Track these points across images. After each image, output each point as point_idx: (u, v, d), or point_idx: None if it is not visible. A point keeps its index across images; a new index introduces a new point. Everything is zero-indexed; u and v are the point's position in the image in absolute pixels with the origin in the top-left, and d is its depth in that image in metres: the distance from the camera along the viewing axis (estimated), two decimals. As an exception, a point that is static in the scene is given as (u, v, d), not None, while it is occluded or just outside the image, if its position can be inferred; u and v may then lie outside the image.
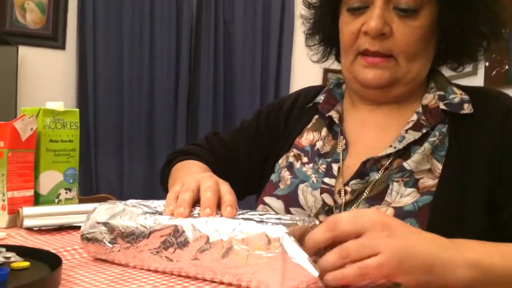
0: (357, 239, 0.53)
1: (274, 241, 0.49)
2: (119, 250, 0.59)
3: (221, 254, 0.52)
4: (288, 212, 0.82)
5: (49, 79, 3.01)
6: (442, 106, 0.81)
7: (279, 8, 3.27)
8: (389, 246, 0.53)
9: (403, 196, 0.75)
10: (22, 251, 0.58)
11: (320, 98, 0.93)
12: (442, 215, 0.72)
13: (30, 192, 0.90)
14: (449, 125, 0.80)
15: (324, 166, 0.84)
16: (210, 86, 3.18)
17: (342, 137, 0.86)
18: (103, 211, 0.62)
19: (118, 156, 3.07)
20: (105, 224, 0.60)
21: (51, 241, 0.74)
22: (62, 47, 3.01)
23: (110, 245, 0.59)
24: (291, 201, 0.83)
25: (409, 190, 0.76)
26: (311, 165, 0.86)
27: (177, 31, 3.13)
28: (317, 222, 0.56)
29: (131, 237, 0.58)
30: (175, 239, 0.55)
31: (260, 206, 0.87)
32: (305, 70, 3.27)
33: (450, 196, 0.74)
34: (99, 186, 3.03)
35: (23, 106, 2.93)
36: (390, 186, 0.76)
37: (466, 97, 0.81)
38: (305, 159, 0.88)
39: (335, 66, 0.99)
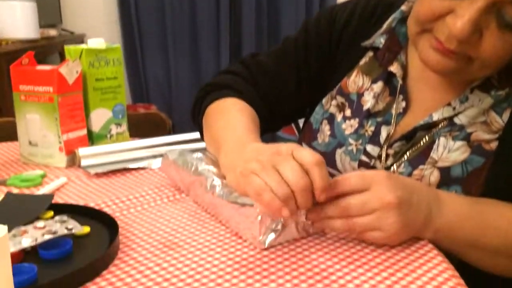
0: (359, 196, 0.56)
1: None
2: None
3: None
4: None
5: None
6: None
7: None
8: (391, 227, 0.55)
9: (451, 151, 0.68)
10: (82, 212, 0.64)
11: (381, 40, 0.77)
12: (498, 185, 0.66)
13: (84, 131, 0.95)
14: None
15: (372, 128, 0.76)
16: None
17: (401, 97, 0.75)
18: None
19: (163, 58, 3.09)
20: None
21: (108, 187, 0.79)
22: None
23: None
24: (329, 161, 0.78)
25: (459, 143, 0.68)
26: (352, 122, 0.78)
27: None
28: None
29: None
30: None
31: None
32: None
33: (510, 162, 0.66)
34: (148, 88, 3.10)
35: (68, 19, 2.95)
36: (436, 141, 0.69)
37: None
38: (348, 112, 0.79)
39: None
